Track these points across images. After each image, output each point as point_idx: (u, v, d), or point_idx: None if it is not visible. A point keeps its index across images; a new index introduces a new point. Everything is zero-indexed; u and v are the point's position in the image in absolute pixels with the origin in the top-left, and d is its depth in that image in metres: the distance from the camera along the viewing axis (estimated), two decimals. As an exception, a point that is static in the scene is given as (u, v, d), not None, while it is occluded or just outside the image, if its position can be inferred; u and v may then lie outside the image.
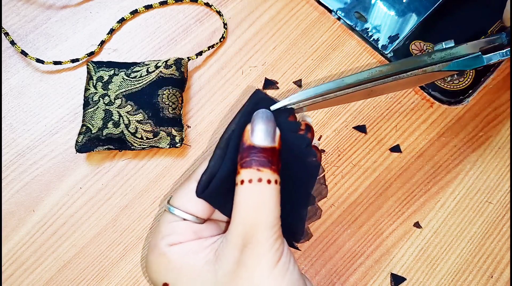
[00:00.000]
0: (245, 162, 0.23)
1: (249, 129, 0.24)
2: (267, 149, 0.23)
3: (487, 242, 0.34)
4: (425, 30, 0.40)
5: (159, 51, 0.40)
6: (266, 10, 0.41)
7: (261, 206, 0.23)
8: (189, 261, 0.24)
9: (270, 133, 0.24)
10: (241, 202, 0.23)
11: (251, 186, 0.23)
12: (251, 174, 0.23)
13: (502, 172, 0.36)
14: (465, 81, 0.38)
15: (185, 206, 0.25)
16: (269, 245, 0.23)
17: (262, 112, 0.24)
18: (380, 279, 0.33)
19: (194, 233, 0.25)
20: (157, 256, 0.25)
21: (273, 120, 0.24)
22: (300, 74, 0.39)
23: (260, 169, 0.23)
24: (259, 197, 0.23)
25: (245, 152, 0.23)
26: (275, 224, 0.23)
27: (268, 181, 0.23)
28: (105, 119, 0.34)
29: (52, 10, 0.41)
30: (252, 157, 0.23)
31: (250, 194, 0.23)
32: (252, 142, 0.23)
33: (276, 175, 0.23)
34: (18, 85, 0.39)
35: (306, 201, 0.27)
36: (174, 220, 0.25)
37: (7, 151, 0.36)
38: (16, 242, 0.34)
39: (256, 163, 0.23)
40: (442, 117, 0.37)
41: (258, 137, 0.23)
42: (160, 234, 0.25)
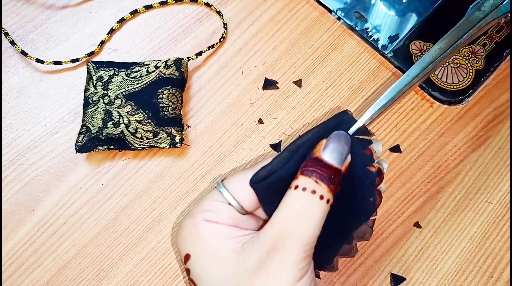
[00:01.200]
0: (307, 170, 0.23)
1: (323, 144, 0.24)
2: (332, 168, 0.23)
3: (487, 242, 0.34)
4: (425, 30, 0.40)
5: (159, 51, 0.40)
6: (266, 10, 0.41)
7: (305, 217, 0.22)
8: (217, 243, 0.24)
9: (342, 155, 0.24)
10: (288, 205, 0.23)
11: (304, 194, 0.23)
12: (308, 183, 0.23)
13: (502, 172, 0.36)
14: (465, 81, 0.38)
15: (236, 192, 0.25)
16: (296, 260, 0.22)
17: (342, 134, 0.24)
18: (380, 279, 0.33)
19: (232, 220, 0.25)
20: (190, 225, 0.25)
21: (349, 145, 0.24)
22: (300, 74, 0.39)
23: (318, 182, 0.23)
24: (307, 208, 0.22)
25: (310, 161, 0.23)
26: (310, 242, 0.23)
27: (321, 197, 0.23)
28: (105, 119, 0.34)
29: (52, 10, 0.41)
30: (315, 168, 0.23)
31: (300, 201, 0.23)
32: (321, 156, 0.23)
33: (330, 195, 0.23)
34: (18, 85, 0.39)
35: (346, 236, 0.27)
36: (220, 200, 0.25)
37: (7, 151, 0.36)
38: (16, 242, 0.34)
39: (317, 175, 0.23)
40: (442, 117, 0.37)
41: (329, 154, 0.24)
42: (201, 206, 0.25)
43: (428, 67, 0.27)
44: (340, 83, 0.39)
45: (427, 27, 0.40)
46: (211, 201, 0.25)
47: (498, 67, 0.39)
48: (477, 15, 0.27)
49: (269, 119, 0.37)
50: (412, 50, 0.39)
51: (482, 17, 0.27)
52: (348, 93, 0.38)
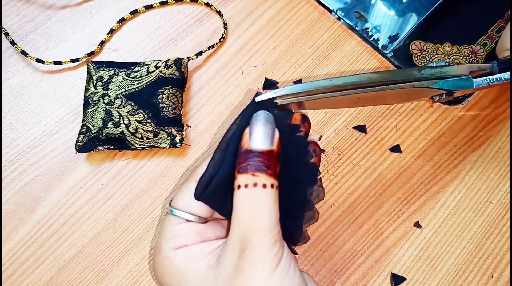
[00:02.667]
0: (241, 167, 0.23)
1: (248, 133, 0.24)
2: (264, 152, 0.23)
3: (487, 242, 0.34)
4: (425, 30, 0.40)
5: (159, 51, 0.40)
6: (266, 10, 0.41)
7: (257, 211, 0.23)
8: (192, 265, 0.24)
9: (269, 136, 0.23)
10: (238, 207, 0.23)
11: (247, 191, 0.23)
12: (247, 179, 0.23)
13: (502, 172, 0.36)
14: (465, 81, 0.38)
15: (187, 207, 0.25)
16: (266, 250, 0.22)
17: (261, 114, 0.24)
18: (380, 279, 0.33)
19: (198, 235, 0.25)
20: (162, 259, 0.25)
21: (272, 122, 0.24)
22: (300, 74, 0.39)
23: (255, 174, 0.22)
24: (255, 202, 0.23)
25: (242, 157, 0.23)
26: (272, 229, 0.23)
27: (264, 185, 0.22)
28: (105, 119, 0.34)
29: (52, 10, 0.41)
30: (248, 162, 0.23)
31: (246, 199, 0.23)
32: (249, 146, 0.23)
33: (272, 179, 0.23)
34: (18, 85, 0.39)
35: (304, 205, 0.27)
36: (178, 222, 0.25)
37: (7, 151, 0.36)
38: (16, 242, 0.34)
39: (251, 168, 0.23)
40: (442, 117, 0.37)
41: (256, 140, 0.23)
42: (164, 237, 0.25)
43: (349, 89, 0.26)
44: (340, 83, 0.39)
45: (427, 27, 0.40)
46: (170, 227, 0.25)
47: (498, 67, 0.39)
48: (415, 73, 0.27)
49: (269, 119, 0.37)
50: (412, 50, 0.39)
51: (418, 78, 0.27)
52: (348, 93, 0.38)
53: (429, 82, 0.27)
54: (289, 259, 0.24)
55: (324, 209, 0.35)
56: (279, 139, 0.24)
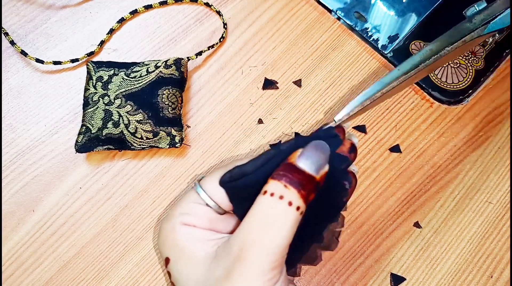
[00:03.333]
0: (277, 174, 0.22)
1: (299, 151, 0.23)
2: (306, 174, 0.22)
3: (487, 242, 0.34)
4: (425, 30, 0.40)
5: (159, 51, 0.40)
6: (266, 10, 0.41)
7: (271, 225, 0.21)
8: (192, 247, 0.24)
9: (317, 164, 0.22)
10: (255, 212, 0.22)
11: (271, 200, 0.21)
12: (277, 187, 0.21)
13: (502, 172, 0.36)
14: (465, 81, 0.38)
15: (213, 192, 0.25)
16: (261, 271, 0.21)
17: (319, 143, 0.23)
18: (380, 279, 0.33)
19: (209, 222, 0.25)
20: (168, 228, 0.25)
21: (327, 157, 0.23)
22: (300, 74, 0.39)
23: (287, 186, 0.21)
24: (274, 215, 0.21)
25: (282, 167, 0.22)
26: (276, 252, 0.21)
27: (290, 203, 0.21)
28: (105, 119, 0.34)
29: (52, 10, 0.41)
30: (286, 173, 0.22)
31: (267, 208, 0.21)
32: (295, 162, 0.22)
33: (301, 201, 0.21)
34: (18, 85, 0.39)
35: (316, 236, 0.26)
36: (197, 201, 0.25)
37: (7, 151, 0.36)
38: (16, 242, 0.34)
39: (286, 178, 0.21)
40: (442, 117, 0.37)
41: (303, 161, 0.22)
42: (179, 209, 0.25)
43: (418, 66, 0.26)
44: (340, 83, 0.39)
45: (427, 27, 0.40)
46: (188, 203, 0.25)
47: (498, 67, 0.39)
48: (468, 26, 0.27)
49: (269, 119, 0.37)
50: (412, 50, 0.39)
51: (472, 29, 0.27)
52: (348, 93, 0.38)
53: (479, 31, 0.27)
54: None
55: (324, 209, 0.35)
56: (324, 174, 0.23)
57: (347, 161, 0.25)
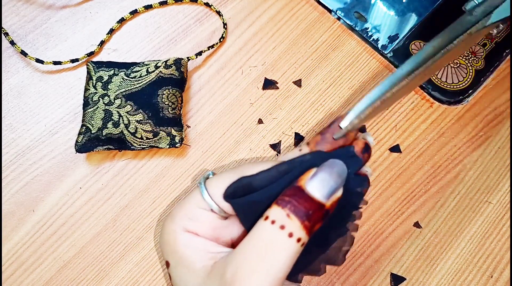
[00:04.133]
0: (282, 199, 0.20)
1: (312, 171, 0.21)
2: (314, 201, 0.20)
3: (487, 242, 0.34)
4: (425, 30, 0.40)
5: (159, 51, 0.40)
6: (266, 10, 0.41)
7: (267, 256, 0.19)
8: (191, 255, 0.23)
9: (329, 188, 0.21)
10: (253, 238, 0.20)
11: (271, 228, 0.20)
12: (279, 215, 0.20)
13: (502, 172, 0.36)
14: (465, 81, 0.38)
15: (217, 195, 0.23)
16: None
17: (336, 163, 0.21)
18: (380, 279, 0.33)
19: (213, 230, 0.24)
20: (170, 231, 0.24)
21: (343, 180, 0.21)
22: (300, 74, 0.39)
23: (290, 215, 0.20)
24: (271, 245, 0.19)
25: (290, 190, 0.20)
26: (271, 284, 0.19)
27: (290, 234, 0.19)
28: (105, 119, 0.34)
29: (52, 10, 0.41)
30: (292, 198, 0.20)
31: (264, 236, 0.20)
32: (304, 185, 0.20)
33: (303, 233, 0.20)
34: (18, 85, 0.39)
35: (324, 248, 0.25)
36: (202, 205, 0.24)
37: (7, 151, 0.36)
38: (16, 242, 0.34)
39: (291, 207, 0.20)
40: (442, 117, 0.37)
41: (314, 185, 0.20)
42: (184, 211, 0.24)
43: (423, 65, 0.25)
44: (340, 83, 0.39)
45: (427, 27, 0.40)
46: (193, 207, 0.24)
47: (498, 67, 0.39)
48: (469, 19, 0.26)
49: (269, 119, 0.37)
50: (412, 50, 0.39)
51: (474, 22, 0.26)
52: (348, 93, 0.38)
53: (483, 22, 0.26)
54: None
55: (324, 209, 0.35)
56: (336, 200, 0.21)
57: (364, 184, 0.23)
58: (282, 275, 0.20)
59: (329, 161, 0.21)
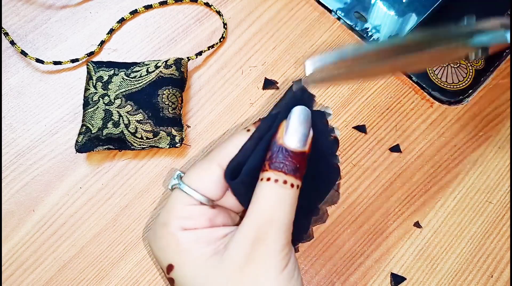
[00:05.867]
0: (275, 163, 0.23)
1: (284, 126, 0.24)
2: (297, 153, 0.24)
3: (487, 242, 0.34)
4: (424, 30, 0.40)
5: (159, 51, 0.40)
6: (266, 10, 0.41)
7: (281, 205, 0.23)
8: (199, 248, 0.24)
9: (304, 136, 0.24)
10: (261, 197, 0.23)
11: (276, 185, 0.23)
12: (278, 176, 0.23)
13: (502, 172, 0.36)
14: (465, 81, 0.38)
15: (203, 188, 0.25)
16: (279, 247, 0.23)
17: (301, 111, 0.24)
18: (380, 279, 0.33)
19: (208, 220, 0.25)
20: (166, 234, 0.24)
21: (309, 121, 0.24)
22: (300, 74, 0.39)
23: (286, 173, 0.23)
24: (281, 197, 0.23)
25: (274, 152, 0.24)
26: (288, 228, 0.23)
27: (292, 185, 0.23)
28: (105, 119, 0.34)
29: (52, 10, 0.41)
30: (282, 161, 0.23)
31: (274, 192, 0.23)
32: (284, 143, 0.24)
33: (299, 181, 0.24)
34: (18, 85, 0.38)
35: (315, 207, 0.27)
36: (190, 202, 0.25)
37: (7, 151, 0.36)
38: (16, 242, 0.34)
39: (284, 167, 0.23)
40: (442, 117, 0.37)
41: (292, 138, 0.24)
42: (174, 214, 0.25)
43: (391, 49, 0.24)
44: (340, 83, 0.39)
45: (427, 27, 0.40)
46: (182, 206, 0.25)
47: (498, 67, 0.39)
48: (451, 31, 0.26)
49: (269, 119, 0.37)
50: (412, 50, 0.39)
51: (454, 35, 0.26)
52: (348, 93, 0.38)
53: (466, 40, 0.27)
54: (295, 262, 0.24)
55: (324, 209, 0.35)
56: (311, 140, 0.24)
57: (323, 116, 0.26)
58: (292, 216, 0.24)
59: (293, 110, 0.24)
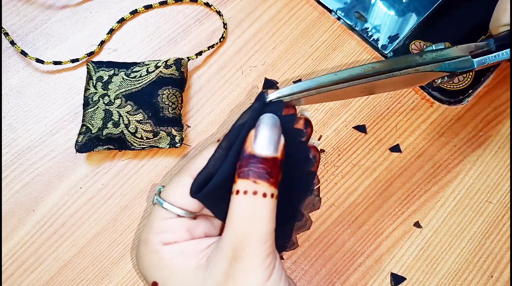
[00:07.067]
0: (243, 172, 0.22)
1: (253, 135, 0.23)
2: (268, 159, 0.22)
3: (487, 241, 0.34)
4: (425, 30, 0.40)
5: (159, 51, 0.40)
6: (266, 10, 0.41)
7: (254, 219, 0.22)
8: (181, 263, 0.23)
9: (274, 142, 0.22)
10: (234, 212, 0.22)
11: (246, 197, 0.22)
12: (247, 185, 0.22)
13: (502, 172, 0.36)
14: (465, 81, 0.38)
15: (179, 201, 0.24)
16: (259, 261, 0.22)
17: (268, 117, 0.23)
18: (380, 279, 0.33)
19: (188, 232, 0.24)
20: (149, 252, 0.24)
21: (279, 127, 0.23)
22: (300, 74, 0.39)
23: (256, 181, 0.22)
24: (253, 210, 0.22)
25: (244, 161, 0.22)
26: (267, 240, 0.22)
27: (264, 194, 0.22)
28: (105, 119, 0.34)
29: (52, 10, 0.41)
30: (250, 167, 0.22)
31: (244, 206, 0.22)
32: (253, 150, 0.22)
33: (273, 189, 0.22)
34: (18, 85, 0.39)
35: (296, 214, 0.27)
36: (168, 216, 0.25)
37: (7, 151, 0.36)
38: (16, 242, 0.34)
39: (253, 174, 0.22)
40: (442, 117, 0.37)
41: (261, 145, 0.22)
42: (153, 229, 0.24)
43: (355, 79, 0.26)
44: (340, 83, 0.39)
45: (427, 27, 0.40)
46: (159, 221, 0.24)
47: (498, 67, 0.39)
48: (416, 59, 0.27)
49: (269, 119, 0.37)
50: (412, 50, 0.39)
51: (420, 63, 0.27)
52: (348, 93, 0.38)
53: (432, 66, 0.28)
54: (281, 271, 0.23)
55: (324, 209, 0.35)
56: (283, 146, 0.23)
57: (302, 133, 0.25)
58: (272, 227, 0.22)
59: (261, 118, 0.23)
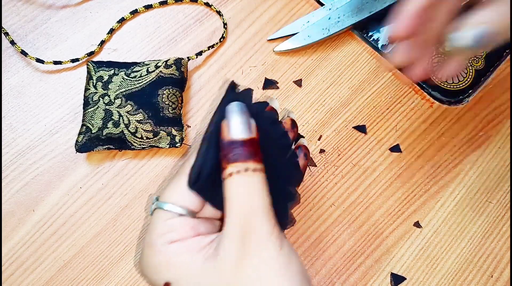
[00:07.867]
0: (230, 157, 0.23)
1: (226, 125, 0.24)
2: (246, 141, 0.24)
3: (487, 241, 0.34)
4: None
5: (159, 51, 0.40)
6: (266, 10, 0.41)
7: (253, 193, 0.23)
8: (188, 258, 0.24)
9: (246, 124, 0.24)
10: (233, 192, 0.23)
11: (239, 176, 0.23)
12: (237, 167, 0.23)
13: (502, 172, 0.36)
14: (465, 81, 0.38)
15: (180, 201, 0.25)
16: (269, 231, 0.23)
17: (234, 105, 0.25)
18: (380, 279, 0.33)
19: (192, 229, 0.25)
20: (155, 255, 0.24)
21: (246, 111, 0.25)
22: (300, 74, 0.39)
23: (245, 161, 0.23)
24: (250, 185, 0.23)
25: (226, 149, 0.24)
26: (269, 210, 0.23)
27: (254, 170, 0.23)
28: (105, 119, 0.34)
29: (52, 10, 0.41)
30: (235, 152, 0.23)
31: (241, 183, 0.23)
32: (231, 137, 0.24)
33: (260, 165, 0.24)
34: (18, 85, 0.39)
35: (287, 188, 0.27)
36: (170, 217, 0.25)
37: (7, 151, 0.36)
38: (16, 242, 0.34)
39: (240, 157, 0.23)
40: (442, 117, 0.37)
41: (235, 131, 0.24)
42: (156, 232, 0.25)
43: None
44: (340, 82, 0.39)
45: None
46: (162, 223, 0.25)
47: (498, 67, 0.39)
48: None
49: (269, 119, 0.37)
50: (412, 50, 0.39)
51: None
52: (348, 93, 0.38)
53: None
54: (289, 244, 0.24)
55: (324, 209, 0.35)
56: (255, 127, 0.25)
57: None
58: (269, 199, 0.24)
59: (227, 108, 0.25)
